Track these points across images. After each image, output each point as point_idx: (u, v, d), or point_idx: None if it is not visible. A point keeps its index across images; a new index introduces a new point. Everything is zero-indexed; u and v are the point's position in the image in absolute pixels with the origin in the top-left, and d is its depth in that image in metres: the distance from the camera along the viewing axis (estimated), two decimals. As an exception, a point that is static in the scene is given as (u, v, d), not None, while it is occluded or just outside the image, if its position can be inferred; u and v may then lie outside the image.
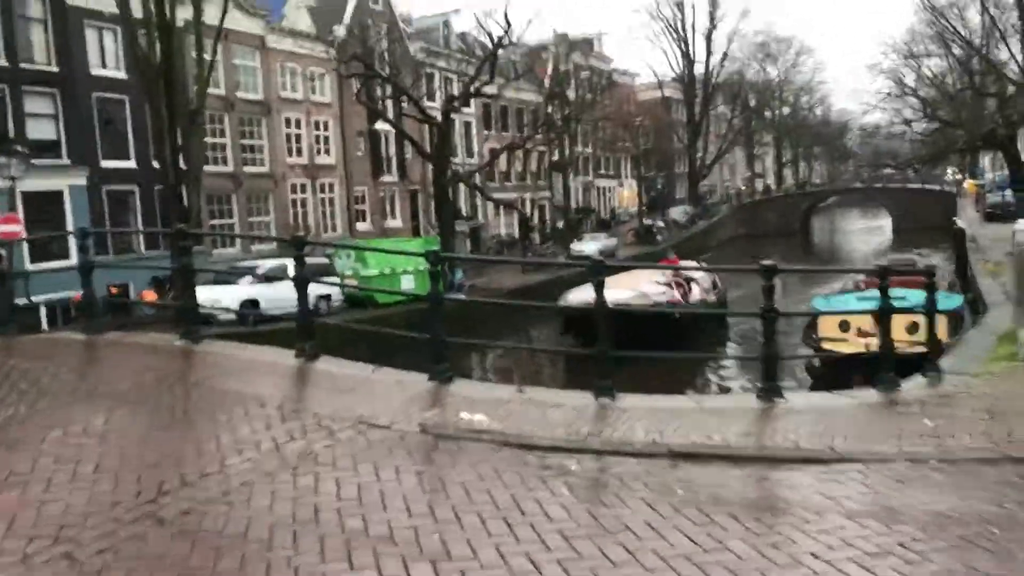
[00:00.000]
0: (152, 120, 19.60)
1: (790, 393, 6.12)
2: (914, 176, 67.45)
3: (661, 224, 51.07)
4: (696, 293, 22.40)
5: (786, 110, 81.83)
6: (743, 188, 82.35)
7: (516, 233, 47.90)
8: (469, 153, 43.97)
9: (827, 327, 16.06)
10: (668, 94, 62.56)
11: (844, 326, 15.79)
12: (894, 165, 58.32)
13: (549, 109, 52.17)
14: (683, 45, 59.02)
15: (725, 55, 59.86)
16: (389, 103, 33.92)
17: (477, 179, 32.69)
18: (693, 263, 29.04)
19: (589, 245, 40.80)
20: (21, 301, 20.78)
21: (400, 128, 29.54)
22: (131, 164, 25.21)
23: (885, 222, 71.50)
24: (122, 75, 24.74)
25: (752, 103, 69.55)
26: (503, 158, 45.56)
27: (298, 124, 32.20)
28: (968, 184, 62.58)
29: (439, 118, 28.89)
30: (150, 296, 22.83)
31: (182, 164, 20.35)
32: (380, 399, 5.61)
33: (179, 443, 4.56)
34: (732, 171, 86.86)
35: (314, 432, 4.81)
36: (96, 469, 4.16)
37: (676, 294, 20.72)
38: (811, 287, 39.04)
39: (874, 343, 7.30)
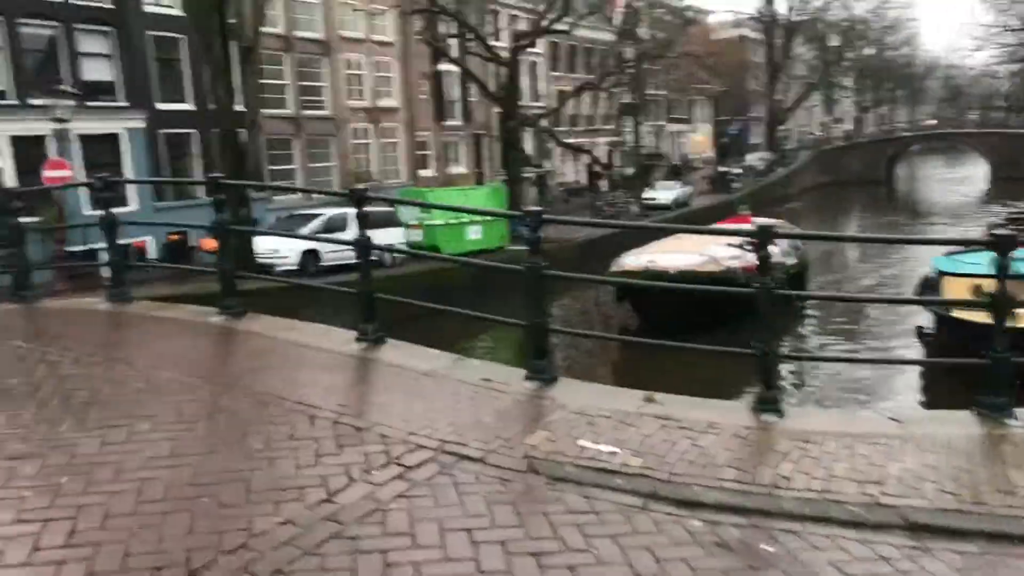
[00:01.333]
0: (206, 59, 18.39)
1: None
2: (1016, 120, 62.40)
3: (738, 171, 48.34)
4: (775, 254, 20.02)
5: (869, 51, 76.66)
6: (819, 134, 78.12)
7: (584, 180, 46.03)
8: (535, 96, 41.89)
9: (955, 290, 14.11)
10: (745, 33, 58.94)
11: (977, 291, 13.80)
12: (1007, 107, 53.81)
13: (620, 49, 49.63)
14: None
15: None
16: (453, 43, 32.16)
17: (545, 123, 30.76)
18: (769, 220, 26.13)
19: (662, 193, 38.73)
20: (77, 248, 20.28)
21: (466, 68, 27.81)
22: (189, 106, 24.20)
23: (976, 170, 66.90)
24: (178, 12, 23.54)
25: (835, 43, 65.17)
26: (571, 101, 43.49)
27: (359, 65, 30.73)
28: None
29: (507, 57, 27.03)
30: (209, 244, 21.95)
31: (238, 106, 19.21)
32: (465, 408, 4.22)
33: (191, 496, 3.20)
34: (809, 116, 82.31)
35: (381, 468, 3.44)
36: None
37: (752, 258, 18.21)
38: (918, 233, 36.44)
39: None
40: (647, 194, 37.87)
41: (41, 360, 4.91)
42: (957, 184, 63.38)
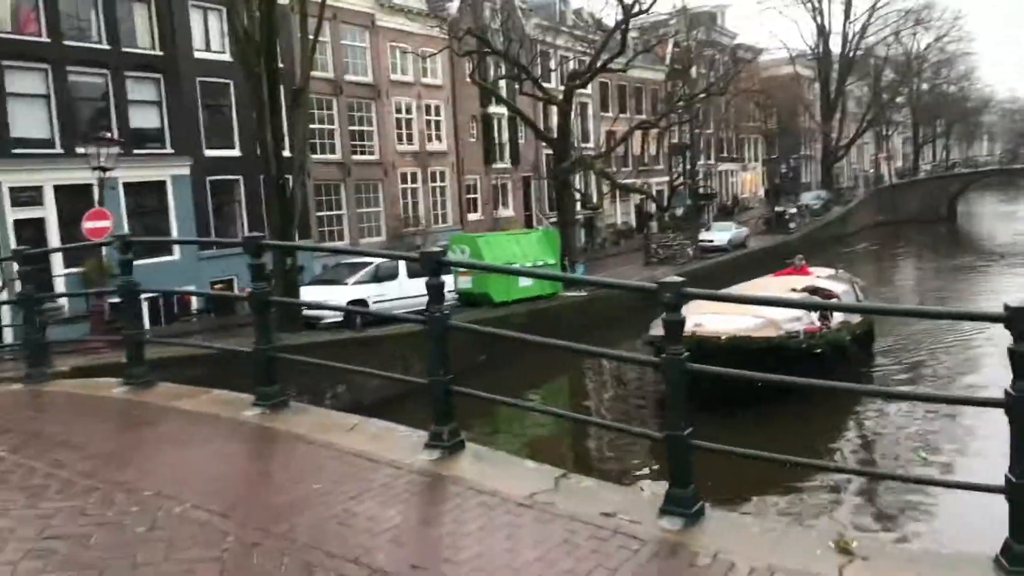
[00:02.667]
0: (254, 103, 17.78)
1: None
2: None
3: (793, 210, 46.63)
4: (838, 315, 15.89)
5: (924, 86, 74.56)
6: (870, 171, 75.91)
7: (632, 222, 44.80)
8: (584, 137, 41.05)
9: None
10: (798, 70, 57.55)
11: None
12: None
13: (670, 87, 48.66)
14: (818, 16, 53.91)
15: (866, 25, 54.26)
16: (503, 84, 31.50)
17: (600, 164, 29.73)
18: (827, 271, 21.34)
19: (718, 234, 37.30)
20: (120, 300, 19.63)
21: (518, 110, 26.97)
22: (235, 152, 23.70)
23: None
24: (227, 58, 23.18)
25: (890, 78, 63.45)
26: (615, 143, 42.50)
27: (408, 109, 30.17)
28: None
29: (560, 98, 26.15)
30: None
31: (286, 151, 18.53)
32: (587, 566, 2.99)
33: None
34: (860, 153, 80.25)
35: None
36: None
37: (814, 318, 14.82)
38: (996, 277, 34.18)
39: None
40: (704, 235, 36.46)
41: (22, 485, 3.83)
42: (1022, 220, 60.64)
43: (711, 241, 36.26)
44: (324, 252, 22.15)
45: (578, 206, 30.00)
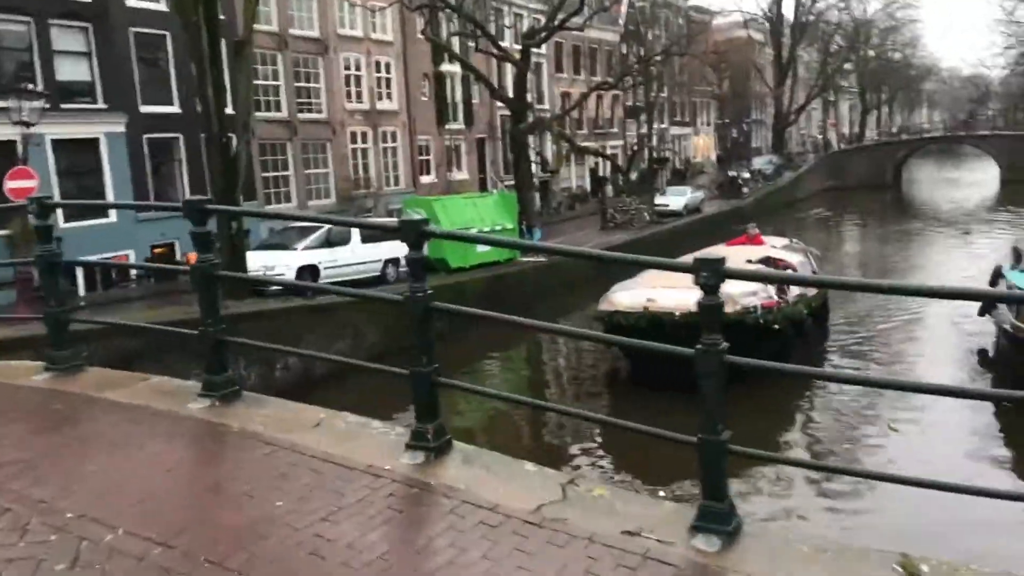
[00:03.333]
0: (194, 56, 16.55)
1: None
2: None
3: (747, 175, 46.69)
4: (794, 288, 14.88)
5: (871, 52, 75.26)
6: (818, 137, 76.66)
7: (588, 186, 44.29)
8: (539, 98, 40.17)
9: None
10: (751, 34, 57.36)
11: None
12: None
13: (625, 49, 47.98)
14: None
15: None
16: (455, 42, 30.39)
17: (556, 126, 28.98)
18: (781, 240, 20.51)
19: (673, 199, 37.02)
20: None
21: (473, 68, 25.99)
22: (175, 109, 22.30)
23: (984, 174, 65.48)
24: (162, 7, 21.70)
25: (839, 44, 63.78)
26: (569, 104, 41.74)
27: (358, 65, 28.90)
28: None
29: (517, 56, 25.27)
30: (194, 258, 20.14)
31: (229, 108, 17.38)
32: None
33: None
34: (808, 119, 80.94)
35: None
36: None
37: (771, 292, 13.84)
38: (944, 244, 34.46)
39: None
40: (659, 199, 36.13)
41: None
42: (967, 188, 62.02)
43: (667, 205, 35.96)
44: (277, 219, 21.00)
45: (535, 169, 29.27)
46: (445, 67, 32.81)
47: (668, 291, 13.01)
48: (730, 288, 12.97)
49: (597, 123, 45.28)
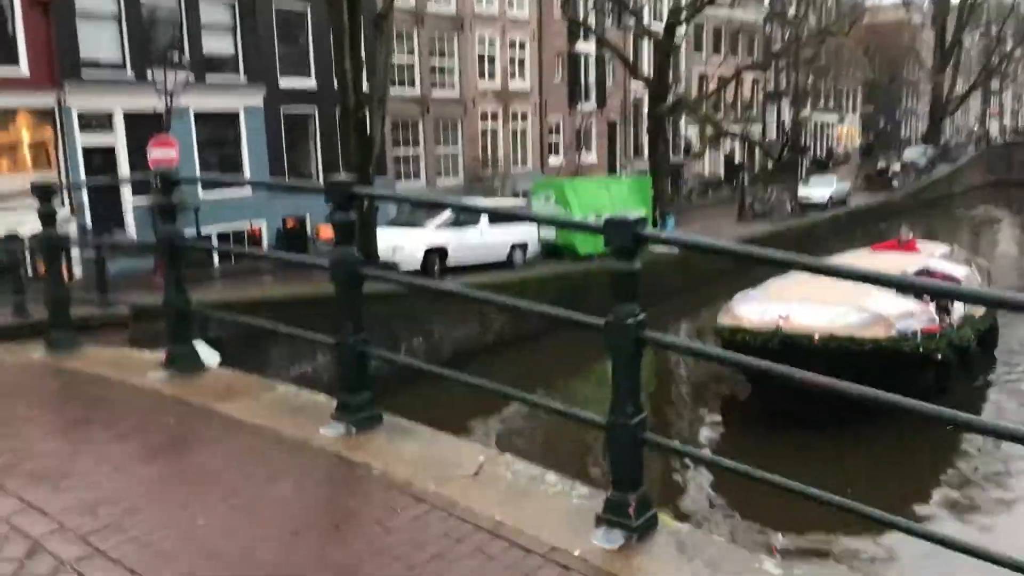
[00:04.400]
0: (334, 29, 16.25)
1: None
2: None
3: (897, 167, 43.17)
4: (958, 307, 12.39)
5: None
6: (974, 127, 70.47)
7: (722, 172, 42.17)
8: (675, 80, 38.37)
9: None
10: (910, 15, 52.91)
11: None
12: None
13: (768, 30, 45.27)
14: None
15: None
16: (592, 20, 29.20)
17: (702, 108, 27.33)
18: (940, 246, 17.27)
19: (816, 190, 34.53)
20: (192, 232, 18.67)
21: (614, 46, 24.83)
22: (311, 83, 22.32)
23: None
24: (305, -19, 21.69)
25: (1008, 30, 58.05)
26: (709, 86, 39.72)
27: (492, 44, 28.24)
28: None
29: (660, 34, 23.87)
30: (326, 233, 19.96)
31: (364, 85, 17.01)
32: None
33: None
34: (965, 109, 74.57)
35: None
36: None
37: (933, 314, 11.68)
38: None
39: None
40: (801, 190, 33.78)
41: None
42: None
43: (809, 197, 33.60)
44: (405, 201, 20.28)
45: (672, 153, 27.80)
46: (580, 46, 31.70)
47: (808, 306, 10.92)
48: (884, 307, 11.04)
49: (736, 107, 42.94)
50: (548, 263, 20.17)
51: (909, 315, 11.17)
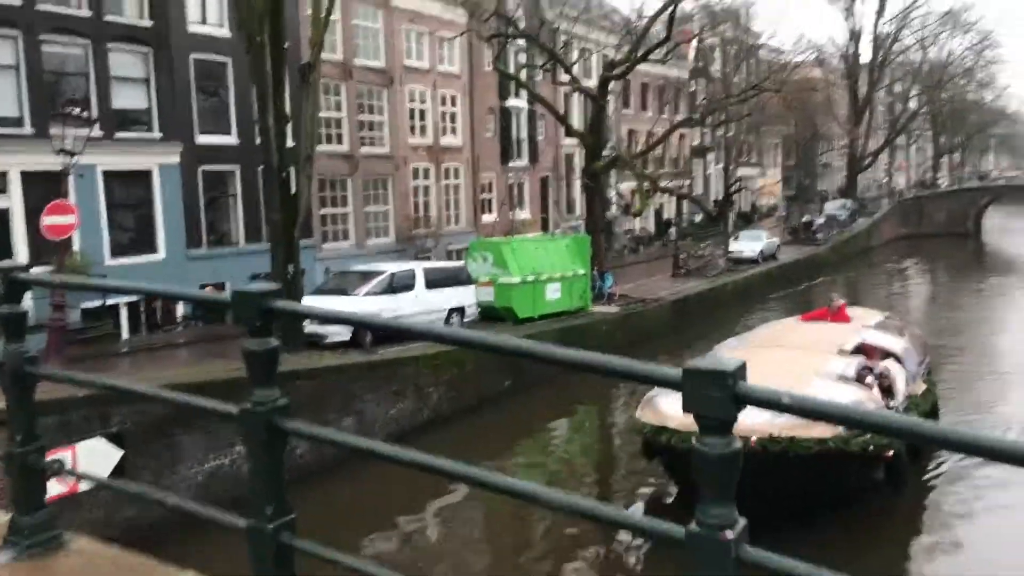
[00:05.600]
0: (256, 82, 15.19)
1: None
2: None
3: (821, 220, 44.18)
4: (900, 383, 11.24)
5: (945, 95, 72.18)
6: (883, 181, 73.51)
7: (652, 228, 42.30)
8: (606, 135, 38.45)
9: None
10: (826, 75, 55.04)
11: None
12: None
13: (694, 86, 46.26)
14: (850, 16, 51.42)
15: (901, 27, 51.81)
16: (523, 75, 28.92)
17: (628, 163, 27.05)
18: (873, 314, 15.58)
19: (749, 244, 34.79)
20: (92, 305, 17.03)
21: (545, 101, 24.42)
22: (232, 139, 21.08)
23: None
24: (225, 32, 20.61)
25: (916, 85, 61.05)
26: (638, 142, 40.02)
27: (423, 98, 27.58)
28: None
29: (594, 90, 23.62)
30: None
31: (289, 140, 15.95)
32: None
33: None
34: (875, 165, 77.89)
35: None
36: None
37: (879, 399, 10.32)
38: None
39: None
40: (733, 246, 33.94)
41: None
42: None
43: (741, 252, 33.78)
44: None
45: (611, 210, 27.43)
46: (511, 102, 31.41)
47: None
48: (824, 393, 8.90)
49: (663, 162, 43.37)
50: (489, 327, 19.19)
51: (857, 406, 10.01)
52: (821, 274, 37.45)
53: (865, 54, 52.88)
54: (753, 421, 9.33)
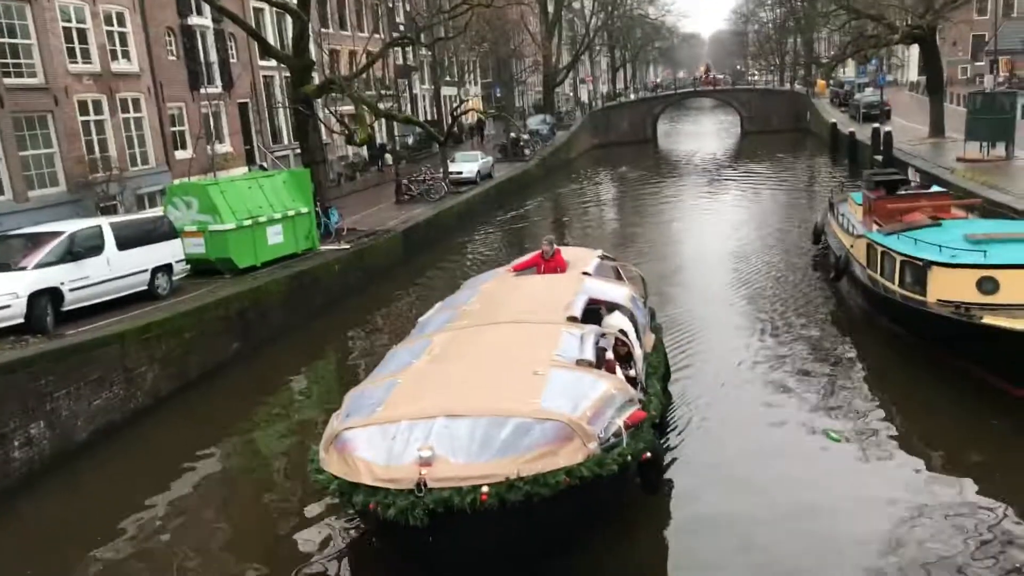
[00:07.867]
0: None
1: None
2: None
3: (527, 137, 45.35)
4: (636, 346, 9.45)
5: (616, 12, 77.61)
6: (573, 95, 78.13)
7: (366, 155, 40.43)
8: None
9: (955, 284, 11.46)
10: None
11: (989, 285, 11.26)
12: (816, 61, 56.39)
13: (391, 4, 44.36)
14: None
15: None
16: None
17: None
18: (590, 255, 12.65)
19: (467, 165, 34.47)
20: None
21: (238, 18, 21.35)
22: None
23: (731, 125, 70.57)
24: None
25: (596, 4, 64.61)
26: (341, 64, 37.59)
27: (80, 16, 22.81)
28: (820, 83, 62.42)
29: (294, 3, 21.03)
30: None
31: None
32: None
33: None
34: (566, 78, 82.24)
35: None
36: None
37: (628, 388, 8.22)
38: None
39: None
40: (452, 168, 33.45)
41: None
42: (712, 138, 66.35)
43: (460, 173, 33.44)
44: None
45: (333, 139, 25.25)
46: (194, 19, 27.40)
47: (459, 426, 6.58)
48: (571, 404, 6.95)
49: (370, 84, 41.32)
50: (204, 284, 16.65)
51: (602, 405, 7.24)
52: (534, 191, 38.65)
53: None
54: (481, 461, 6.32)
